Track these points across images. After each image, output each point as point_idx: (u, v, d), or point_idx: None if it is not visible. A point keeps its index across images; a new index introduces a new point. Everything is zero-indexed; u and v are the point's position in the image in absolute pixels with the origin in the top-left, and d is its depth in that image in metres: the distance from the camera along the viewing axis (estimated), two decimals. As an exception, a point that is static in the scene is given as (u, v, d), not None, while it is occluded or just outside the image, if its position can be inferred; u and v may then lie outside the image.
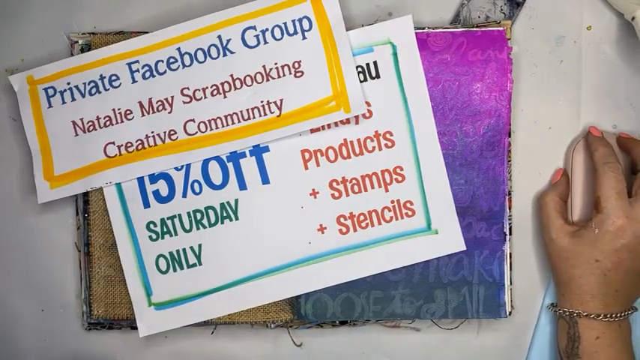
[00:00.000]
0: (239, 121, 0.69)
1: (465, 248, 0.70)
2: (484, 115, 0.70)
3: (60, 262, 0.73)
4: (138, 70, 0.69)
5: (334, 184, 0.70)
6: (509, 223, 0.71)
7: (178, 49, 0.69)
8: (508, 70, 0.69)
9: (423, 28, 0.70)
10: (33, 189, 0.70)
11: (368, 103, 0.69)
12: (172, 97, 0.69)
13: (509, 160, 0.71)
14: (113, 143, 0.70)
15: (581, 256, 0.66)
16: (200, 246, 0.70)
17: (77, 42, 0.71)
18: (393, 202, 0.70)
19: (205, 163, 0.70)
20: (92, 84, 0.70)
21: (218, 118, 0.69)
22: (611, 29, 0.72)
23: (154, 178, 0.70)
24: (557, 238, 0.68)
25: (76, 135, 0.70)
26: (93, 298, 0.71)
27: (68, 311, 0.73)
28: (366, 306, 0.71)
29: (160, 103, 0.69)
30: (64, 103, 0.70)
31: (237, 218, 0.70)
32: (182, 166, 0.70)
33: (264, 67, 0.69)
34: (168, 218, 0.70)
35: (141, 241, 0.70)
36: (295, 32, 0.68)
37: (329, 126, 0.69)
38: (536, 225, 0.72)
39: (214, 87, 0.69)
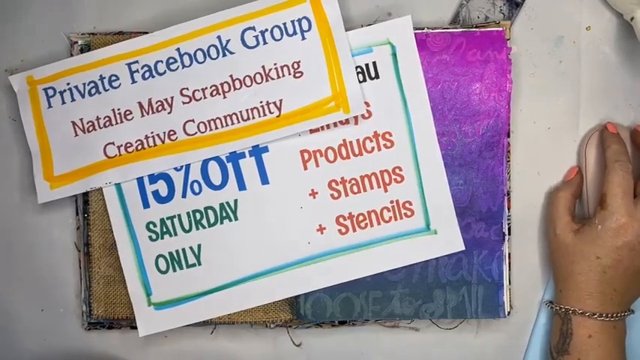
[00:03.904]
0: (238, 122, 0.69)
1: (464, 248, 0.70)
2: (483, 115, 0.70)
3: (60, 262, 0.73)
4: (137, 71, 0.69)
5: (333, 184, 0.70)
6: (508, 224, 0.71)
7: (178, 49, 0.69)
8: (507, 71, 0.69)
9: (423, 29, 0.70)
10: (33, 189, 0.70)
11: (367, 104, 0.69)
12: (172, 97, 0.69)
13: (509, 161, 0.71)
14: (113, 143, 0.70)
15: (582, 253, 0.66)
16: (199, 246, 0.70)
17: (77, 42, 0.71)
18: (392, 202, 0.70)
19: (205, 164, 0.70)
20: (92, 84, 0.70)
21: (217, 118, 0.69)
22: (610, 29, 0.72)
23: (153, 179, 0.70)
24: (561, 234, 0.68)
25: (76, 135, 0.70)
26: (93, 298, 0.71)
27: (68, 311, 0.73)
28: (365, 306, 0.71)
29: (159, 103, 0.69)
30: (63, 103, 0.70)
31: (236, 218, 0.70)
32: (181, 167, 0.70)
33: (263, 67, 0.69)
34: (167, 218, 0.70)
35: (140, 241, 0.70)
36: (295, 33, 0.68)
37: (328, 126, 0.69)
38: (535, 225, 0.72)
39: (214, 87, 0.69)
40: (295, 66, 0.68)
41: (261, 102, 0.69)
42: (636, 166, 0.69)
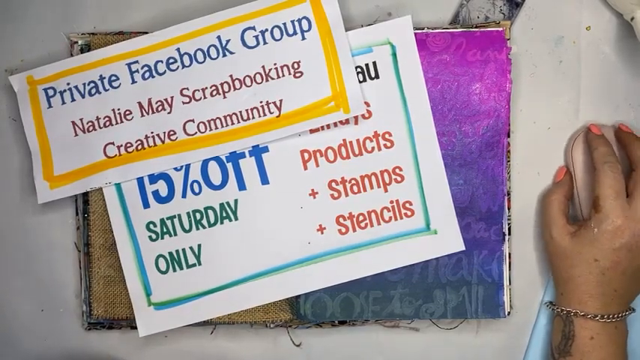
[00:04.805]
0: (238, 122, 0.69)
1: (464, 248, 0.70)
2: (483, 115, 0.70)
3: (60, 263, 0.73)
4: (137, 71, 0.69)
5: (333, 184, 0.70)
6: (508, 224, 0.71)
7: (178, 49, 0.69)
8: (507, 71, 0.69)
9: (423, 29, 0.70)
10: (33, 189, 0.70)
11: (367, 104, 0.69)
12: (172, 97, 0.69)
13: (509, 161, 0.71)
14: (113, 143, 0.70)
15: (580, 256, 0.66)
16: (200, 246, 0.70)
17: (77, 42, 0.71)
18: (392, 202, 0.70)
19: (205, 164, 0.70)
20: (92, 84, 0.70)
21: (217, 118, 0.69)
22: (610, 30, 0.72)
23: (153, 179, 0.70)
24: (557, 237, 0.68)
25: (76, 135, 0.70)
26: (93, 298, 0.71)
27: (68, 311, 0.73)
28: (365, 306, 0.71)
29: (159, 103, 0.69)
30: (63, 103, 0.70)
31: (236, 218, 0.70)
32: (181, 167, 0.70)
33: (263, 67, 0.69)
34: (167, 218, 0.70)
35: (140, 241, 0.70)
36: (294, 33, 0.68)
37: (328, 126, 0.69)
38: (535, 225, 0.72)
39: (214, 87, 0.69)
40: (295, 66, 0.68)
41: (261, 102, 0.69)
42: (624, 164, 0.69)
